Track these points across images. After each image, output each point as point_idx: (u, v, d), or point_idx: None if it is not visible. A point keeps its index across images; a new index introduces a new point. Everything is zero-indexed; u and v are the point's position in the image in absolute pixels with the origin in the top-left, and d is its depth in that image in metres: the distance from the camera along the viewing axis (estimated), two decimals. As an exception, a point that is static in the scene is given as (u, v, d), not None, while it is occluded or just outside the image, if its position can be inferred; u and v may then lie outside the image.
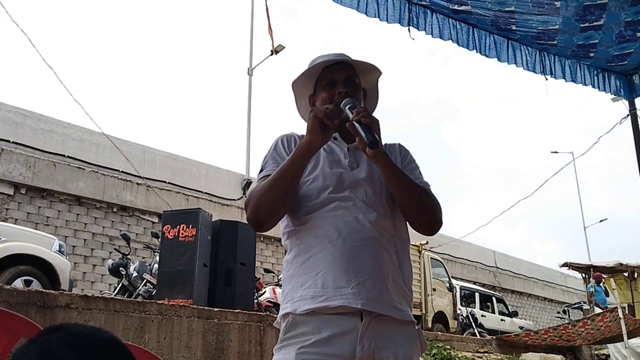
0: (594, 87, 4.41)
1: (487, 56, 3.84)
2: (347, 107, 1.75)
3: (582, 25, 3.75)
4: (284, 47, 17.31)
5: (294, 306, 1.67)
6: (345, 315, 1.62)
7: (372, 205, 1.76)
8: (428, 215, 1.80)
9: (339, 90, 1.86)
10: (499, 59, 3.91)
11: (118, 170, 14.45)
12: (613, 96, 5.16)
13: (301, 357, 1.58)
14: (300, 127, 2.06)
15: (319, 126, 1.68)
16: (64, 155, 13.71)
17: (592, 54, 4.20)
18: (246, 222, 1.84)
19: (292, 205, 1.76)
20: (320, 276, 1.66)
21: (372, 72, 1.99)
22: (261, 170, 1.85)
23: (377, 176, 1.81)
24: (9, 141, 12.82)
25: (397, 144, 2.01)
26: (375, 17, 3.42)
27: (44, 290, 5.61)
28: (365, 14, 3.36)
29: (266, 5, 3.77)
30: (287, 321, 1.68)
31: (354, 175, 1.81)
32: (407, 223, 1.85)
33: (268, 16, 4.08)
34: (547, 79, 4.11)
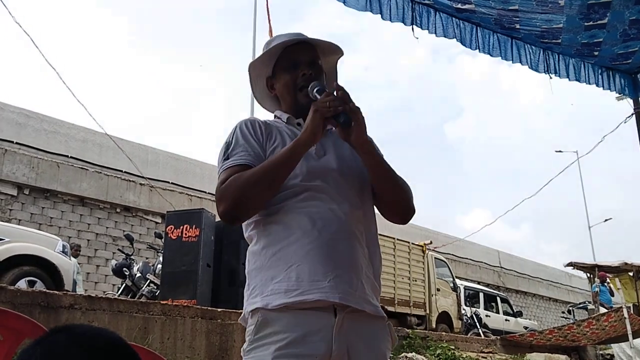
0: (598, 85, 4.39)
1: (490, 55, 3.83)
2: (314, 90, 1.69)
3: (586, 23, 3.73)
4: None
5: (265, 301, 1.57)
6: (319, 311, 1.54)
7: (344, 196, 1.69)
8: (406, 204, 1.79)
9: (302, 72, 1.78)
10: (503, 58, 3.90)
11: (121, 171, 14.47)
12: (617, 95, 5.14)
13: None
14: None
15: (322, 125, 1.61)
16: (67, 156, 13.76)
17: (596, 53, 4.18)
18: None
19: None
20: (294, 269, 1.57)
21: (334, 53, 1.91)
22: (226, 159, 1.69)
23: (346, 165, 1.75)
24: (12, 142, 12.86)
25: None
26: (378, 15, 3.41)
27: (47, 290, 5.62)
28: (370, 11, 3.35)
29: (267, 11, 3.77)
30: (257, 319, 1.57)
31: (323, 164, 1.73)
32: (382, 212, 1.81)
33: (269, 20, 4.08)
34: (551, 78, 4.09)
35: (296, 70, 1.79)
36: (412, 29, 3.51)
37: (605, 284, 14.29)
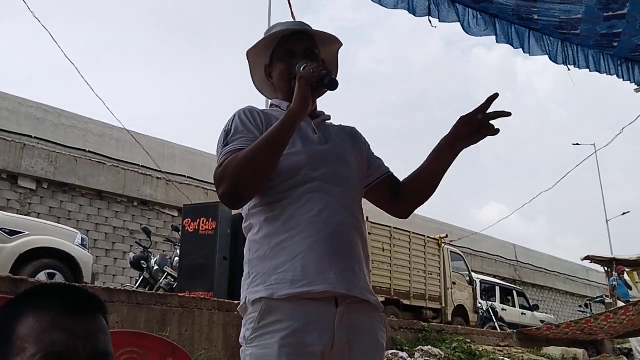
0: (618, 77, 4.33)
1: (511, 46, 3.79)
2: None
3: (605, 14, 3.68)
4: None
5: (269, 290, 1.55)
6: (321, 301, 1.55)
7: (346, 186, 1.72)
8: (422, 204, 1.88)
9: (297, 63, 1.75)
10: (521, 50, 3.86)
11: (138, 165, 14.57)
12: (636, 87, 5.07)
13: (285, 351, 1.48)
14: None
15: (310, 92, 1.60)
16: (85, 150, 13.87)
17: (615, 44, 4.12)
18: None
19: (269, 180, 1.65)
20: (300, 259, 1.56)
21: (332, 43, 1.91)
22: (226, 145, 1.66)
23: (347, 155, 1.78)
24: (31, 136, 13.00)
25: (355, 128, 1.96)
26: (394, 7, 3.40)
27: (67, 283, 5.68)
28: (385, 5, 3.33)
29: (289, 3, 3.77)
30: (261, 307, 1.55)
31: (327, 153, 1.74)
32: (398, 206, 1.87)
33: (291, 6, 4.07)
34: (569, 69, 4.04)
35: (292, 60, 1.78)
36: (429, 20, 3.48)
37: (621, 276, 14.17)
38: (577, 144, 25.74)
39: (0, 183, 12.24)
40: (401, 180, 1.89)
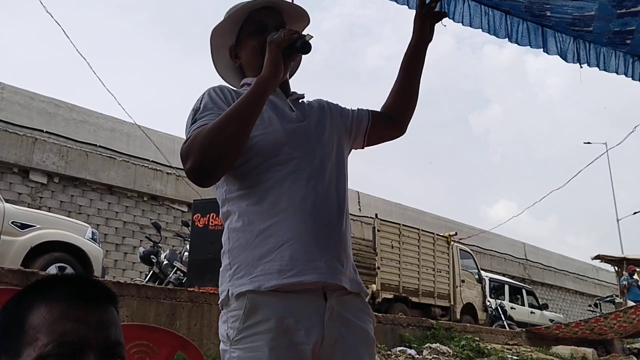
0: (627, 75, 4.30)
1: (519, 44, 3.77)
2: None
3: (618, 11, 3.65)
4: (312, 37, 17.24)
5: (255, 282, 1.45)
6: (310, 294, 1.48)
7: (330, 165, 1.63)
8: (411, 117, 1.95)
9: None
10: (532, 46, 3.84)
11: (148, 160, 14.62)
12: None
13: (275, 353, 1.40)
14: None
15: (281, 57, 1.49)
16: (95, 145, 13.93)
17: (628, 41, 4.09)
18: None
19: (240, 154, 1.52)
20: (287, 247, 1.47)
21: (300, 20, 1.81)
22: (194, 122, 1.54)
23: (327, 131, 1.71)
24: (42, 131, 13.06)
25: (322, 99, 1.87)
26: (404, 4, 3.39)
27: (78, 274, 5.72)
28: (396, 1, 3.32)
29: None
30: (245, 304, 1.45)
31: (307, 131, 1.65)
32: (391, 124, 1.91)
33: None
34: (581, 67, 4.01)
35: (264, 34, 1.65)
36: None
37: (632, 277, 14.10)
38: (589, 143, 25.55)
39: (11, 177, 12.33)
40: (380, 109, 1.92)
